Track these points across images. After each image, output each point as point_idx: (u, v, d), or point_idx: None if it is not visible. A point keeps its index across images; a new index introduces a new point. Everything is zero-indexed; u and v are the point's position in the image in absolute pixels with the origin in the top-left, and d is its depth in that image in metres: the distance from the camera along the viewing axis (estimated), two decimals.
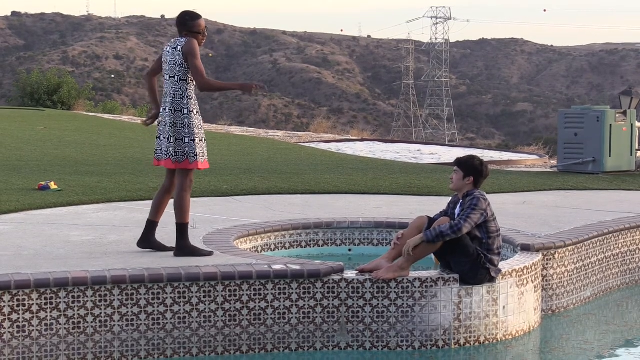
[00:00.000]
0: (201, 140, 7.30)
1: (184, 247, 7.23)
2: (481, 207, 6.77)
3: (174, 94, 7.22)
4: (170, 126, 7.20)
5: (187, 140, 7.21)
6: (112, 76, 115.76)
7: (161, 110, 7.32)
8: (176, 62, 7.20)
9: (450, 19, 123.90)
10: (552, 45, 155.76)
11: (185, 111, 7.22)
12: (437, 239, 6.68)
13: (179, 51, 7.18)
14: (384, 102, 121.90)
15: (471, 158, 7.00)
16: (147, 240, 7.49)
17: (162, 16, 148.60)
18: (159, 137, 7.31)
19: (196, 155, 7.22)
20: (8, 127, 23.59)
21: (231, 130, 28.52)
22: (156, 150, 7.35)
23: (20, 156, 16.30)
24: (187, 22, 7.29)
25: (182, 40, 7.23)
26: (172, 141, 7.20)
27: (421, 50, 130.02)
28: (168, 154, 7.22)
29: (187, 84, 7.22)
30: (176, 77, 7.22)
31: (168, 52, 7.29)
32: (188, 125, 7.21)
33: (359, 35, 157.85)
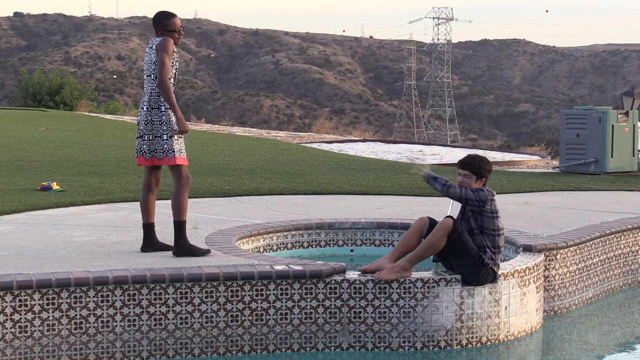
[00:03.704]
0: (181, 137, 7.34)
1: (182, 246, 7.24)
2: (480, 196, 6.79)
3: (151, 92, 7.29)
4: (148, 124, 7.26)
5: (165, 137, 7.26)
6: (114, 77, 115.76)
7: (139, 109, 7.39)
8: (152, 61, 7.30)
9: (452, 20, 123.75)
10: (554, 46, 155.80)
11: (163, 108, 7.28)
12: (432, 180, 6.83)
13: (154, 49, 7.28)
14: (386, 103, 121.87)
15: (479, 161, 6.96)
16: (150, 243, 7.50)
17: None
18: (141, 137, 7.34)
19: (174, 152, 7.26)
20: (10, 128, 23.62)
21: (233, 130, 28.54)
22: (137, 150, 7.40)
23: (22, 157, 16.31)
24: (162, 20, 7.39)
25: (158, 39, 7.34)
26: (150, 138, 7.26)
27: (423, 50, 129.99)
28: (142, 151, 7.29)
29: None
30: (152, 75, 7.29)
31: (146, 52, 7.41)
32: (166, 122, 7.27)
33: (361, 36, 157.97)
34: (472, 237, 6.83)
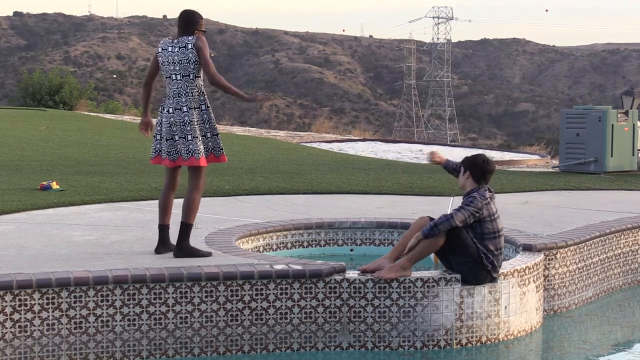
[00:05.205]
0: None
1: (183, 247, 7.18)
2: (476, 205, 6.78)
3: (191, 92, 7.16)
4: (195, 124, 7.14)
5: (209, 135, 7.25)
6: (114, 76, 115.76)
7: (172, 112, 7.17)
8: (189, 60, 7.12)
9: (452, 19, 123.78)
10: (554, 45, 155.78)
11: (204, 107, 7.22)
12: (432, 231, 6.71)
13: (191, 49, 7.12)
14: (385, 102, 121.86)
15: (475, 155, 7.06)
16: (165, 245, 7.37)
17: (164, 16, 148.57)
18: (172, 139, 7.17)
19: (222, 149, 7.26)
20: (10, 127, 23.61)
21: (233, 130, 28.53)
22: (169, 152, 7.20)
23: (22, 156, 16.31)
24: (198, 20, 7.26)
25: (191, 37, 7.17)
26: (196, 139, 7.15)
27: (423, 50, 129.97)
28: (197, 151, 7.15)
29: (202, 80, 7.24)
30: (191, 75, 7.15)
31: (173, 52, 7.18)
32: (208, 121, 7.24)
33: (360, 35, 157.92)
34: (475, 244, 6.81)
